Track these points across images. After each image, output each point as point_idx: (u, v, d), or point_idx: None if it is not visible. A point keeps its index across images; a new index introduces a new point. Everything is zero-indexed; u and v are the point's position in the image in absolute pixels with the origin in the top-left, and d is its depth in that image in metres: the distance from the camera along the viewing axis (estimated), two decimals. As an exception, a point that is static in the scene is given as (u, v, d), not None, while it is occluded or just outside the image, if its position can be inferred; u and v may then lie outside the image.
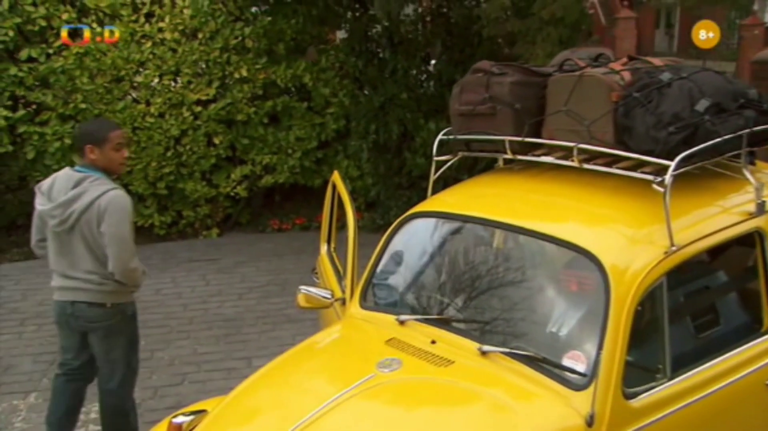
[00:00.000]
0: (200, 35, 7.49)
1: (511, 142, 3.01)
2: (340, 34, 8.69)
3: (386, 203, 7.93)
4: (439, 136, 3.33)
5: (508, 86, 3.02)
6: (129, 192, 7.60)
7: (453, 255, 3.09)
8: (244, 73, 7.53)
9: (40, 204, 3.51)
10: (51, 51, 7.18)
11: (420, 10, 7.89)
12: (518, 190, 3.16)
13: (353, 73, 8.01)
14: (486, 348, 2.60)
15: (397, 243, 3.22)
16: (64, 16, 7.21)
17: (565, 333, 2.62)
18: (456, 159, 3.37)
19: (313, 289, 3.36)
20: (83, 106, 7.23)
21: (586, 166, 2.81)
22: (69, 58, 7.13)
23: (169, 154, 7.54)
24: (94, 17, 7.34)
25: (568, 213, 2.84)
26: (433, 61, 8.12)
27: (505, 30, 6.34)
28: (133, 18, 7.40)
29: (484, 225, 3.00)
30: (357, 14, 8.02)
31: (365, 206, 8.28)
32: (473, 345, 2.64)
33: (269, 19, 7.59)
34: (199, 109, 7.55)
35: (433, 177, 3.39)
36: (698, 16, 25.35)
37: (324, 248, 4.01)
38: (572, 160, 2.83)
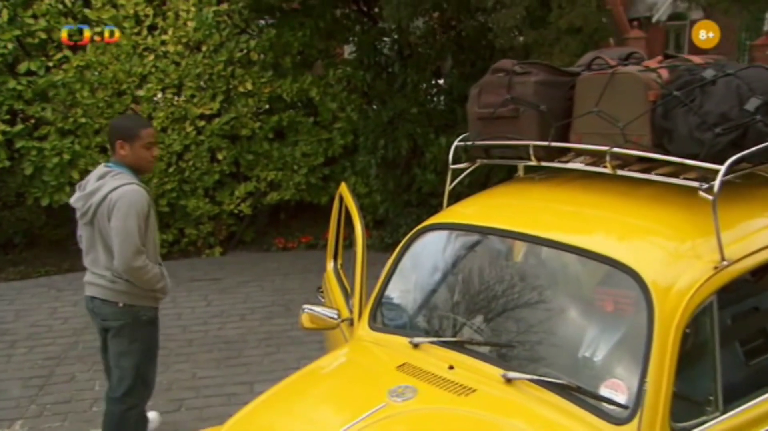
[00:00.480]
0: (204, 48, 7.29)
1: (535, 147, 2.75)
2: (348, 49, 8.49)
3: (395, 221, 7.66)
4: (456, 142, 3.07)
5: (532, 86, 2.76)
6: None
7: (472, 271, 2.81)
8: (249, 87, 7.32)
9: (73, 196, 3.56)
10: (51, 64, 6.99)
11: (431, 22, 7.66)
12: (542, 200, 2.89)
13: (361, 87, 7.78)
14: (511, 374, 2.32)
15: (409, 259, 2.95)
16: (65, 29, 7.03)
17: (601, 358, 2.33)
18: (474, 167, 3.11)
19: (318, 308, 3.08)
20: (83, 120, 7.02)
21: (620, 172, 2.54)
22: (69, 71, 6.94)
23: (171, 169, 7.31)
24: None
25: (602, 224, 2.56)
26: (443, 77, 7.90)
27: (519, 41, 6.09)
28: (136, 30, 7.21)
29: (506, 237, 2.72)
30: (365, 27, 7.83)
31: (373, 224, 8.01)
32: (496, 372, 2.36)
33: (275, 31, 7.38)
34: (202, 123, 7.34)
35: (448, 187, 3.13)
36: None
37: (330, 265, 3.75)
38: (604, 166, 2.56)
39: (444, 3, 6.53)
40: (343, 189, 3.56)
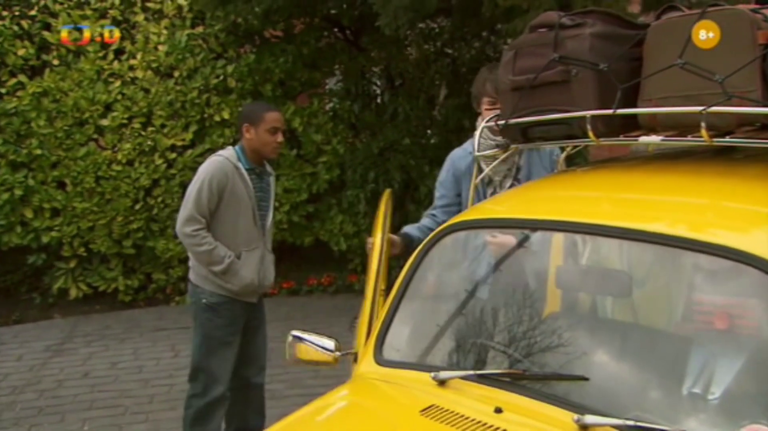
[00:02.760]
0: (177, 74, 6.66)
1: (594, 118, 2.08)
2: (332, 81, 7.91)
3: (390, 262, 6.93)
4: (483, 123, 2.41)
5: (588, 40, 2.12)
6: (89, 251, 6.71)
7: (516, 280, 2.10)
8: (226, 116, 6.66)
9: None
10: (4, 90, 6.32)
11: (425, 47, 7.13)
12: (600, 189, 2.21)
13: (348, 119, 7.17)
14: (590, 419, 1.60)
15: (427, 271, 2.24)
16: (21, 52, 6.39)
17: (720, 395, 1.62)
18: (507, 155, 2.44)
19: (308, 337, 2.34)
20: (39, 152, 6.34)
21: (719, 141, 1.88)
22: (24, 98, 6.28)
23: (137, 207, 6.57)
24: (55, 53, 6.52)
25: (700, 211, 1.88)
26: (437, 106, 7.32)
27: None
28: (101, 55, 6.58)
29: (565, 231, 2.02)
30: (352, 55, 7.27)
31: (362, 267, 7.27)
32: (565, 416, 1.64)
33: (254, 57, 6.78)
34: (173, 155, 6.64)
35: (475, 180, 2.44)
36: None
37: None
38: (695, 137, 1.90)
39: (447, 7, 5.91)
40: (386, 196, 2.84)
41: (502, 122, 2.33)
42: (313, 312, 6.43)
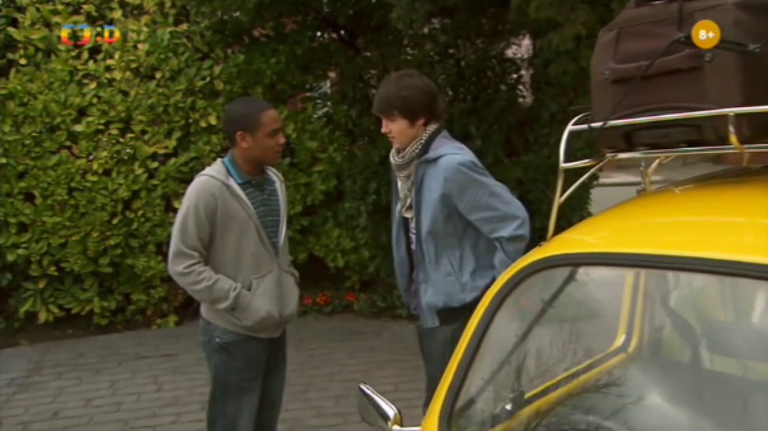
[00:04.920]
0: (158, 75, 6.06)
1: (740, 117, 1.55)
2: (325, 85, 7.36)
3: (388, 281, 6.36)
4: (570, 126, 1.87)
5: (732, 13, 1.59)
6: (60, 270, 6.07)
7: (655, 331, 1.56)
8: (213, 121, 6.08)
9: None
10: (-36, 93, 5.70)
11: (427, 47, 6.60)
12: (730, 213, 1.68)
13: (345, 124, 6.62)
14: None
15: (508, 318, 1.69)
16: (-17, 52, 5.77)
17: None
18: (601, 164, 1.91)
19: (372, 395, 1.81)
20: (3, 160, 5.71)
21: None
22: (-12, 101, 5.65)
23: (115, 221, 5.95)
24: (22, 52, 5.90)
25: None
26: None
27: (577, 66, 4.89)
28: (74, 54, 5.96)
29: (701, 271, 1.49)
30: (348, 56, 6.72)
31: (360, 285, 6.72)
32: None
33: (243, 57, 6.20)
34: (155, 164, 6.04)
35: (559, 199, 1.90)
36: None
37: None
38: None
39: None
40: None
41: (598, 124, 1.80)
42: (309, 336, 5.85)
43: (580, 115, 1.88)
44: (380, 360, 5.31)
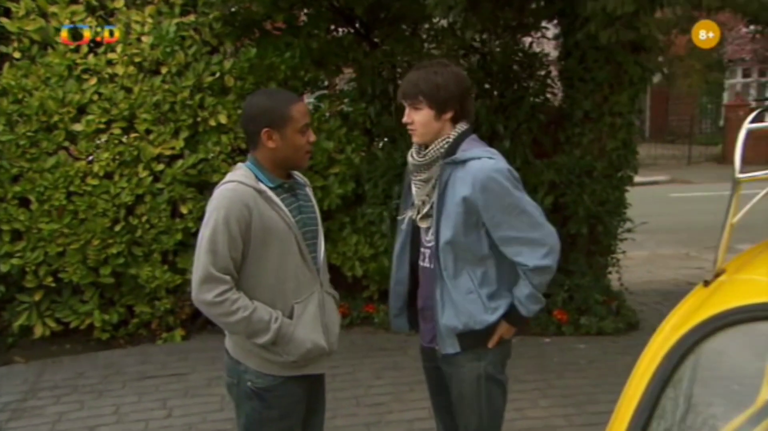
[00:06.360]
0: (164, 70, 5.61)
1: None
2: (341, 82, 6.93)
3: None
4: (748, 124, 1.44)
5: None
6: (58, 281, 5.61)
7: None
8: (223, 120, 5.63)
9: None
10: (-46, 89, 5.23)
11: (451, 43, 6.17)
12: None
13: (363, 123, 6.18)
14: None
15: (689, 384, 1.26)
16: (-25, 44, 5.30)
17: None
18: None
19: None
20: (-4, 162, 5.25)
21: None
22: (-21, 98, 5.19)
23: (117, 228, 5.49)
24: (16, 45, 5.44)
25: None
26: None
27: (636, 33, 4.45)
28: (72, 47, 5.50)
29: None
30: (366, 51, 6.29)
31: (379, 296, 6.28)
32: None
33: (256, 51, 5.75)
34: (160, 167, 5.58)
35: (732, 219, 1.46)
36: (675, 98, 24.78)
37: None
38: None
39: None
40: None
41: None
42: (328, 352, 5.40)
43: (759, 109, 1.45)
44: (409, 381, 4.88)
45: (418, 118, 2.53)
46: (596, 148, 6.03)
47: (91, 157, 5.47)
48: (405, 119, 2.57)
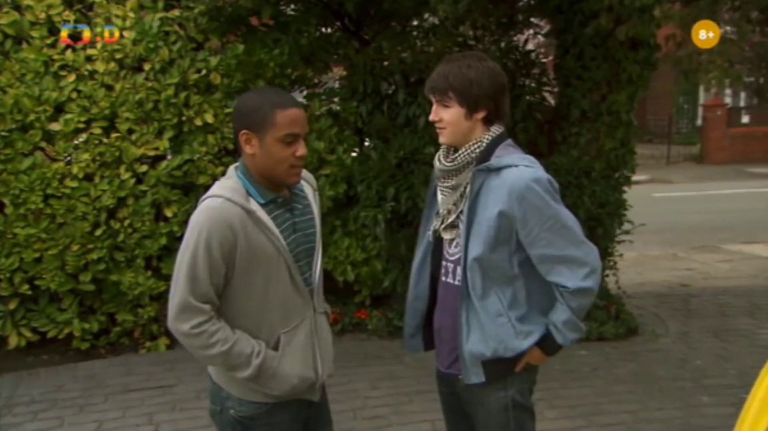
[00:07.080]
0: (147, 67, 5.35)
1: None
2: (330, 80, 6.72)
3: (404, 296, 5.72)
4: None
5: None
6: (35, 288, 5.34)
7: None
8: (209, 119, 5.38)
9: None
10: (-77, 86, 4.93)
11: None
12: None
13: (355, 123, 5.97)
14: None
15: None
16: (-54, 37, 5.00)
17: None
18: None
19: None
20: (-31, 163, 4.95)
21: None
22: (-50, 95, 4.89)
23: (98, 232, 5.23)
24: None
25: None
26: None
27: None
28: (49, 42, 5.22)
29: None
30: (357, 47, 6.09)
31: (371, 301, 6.09)
32: None
33: (243, 47, 5.52)
34: (144, 168, 5.33)
35: None
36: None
37: None
38: None
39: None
40: None
41: None
42: (321, 361, 5.18)
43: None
44: (408, 391, 4.68)
45: (446, 116, 2.30)
46: (594, 148, 5.89)
47: (69, 158, 5.19)
48: (432, 116, 2.34)
